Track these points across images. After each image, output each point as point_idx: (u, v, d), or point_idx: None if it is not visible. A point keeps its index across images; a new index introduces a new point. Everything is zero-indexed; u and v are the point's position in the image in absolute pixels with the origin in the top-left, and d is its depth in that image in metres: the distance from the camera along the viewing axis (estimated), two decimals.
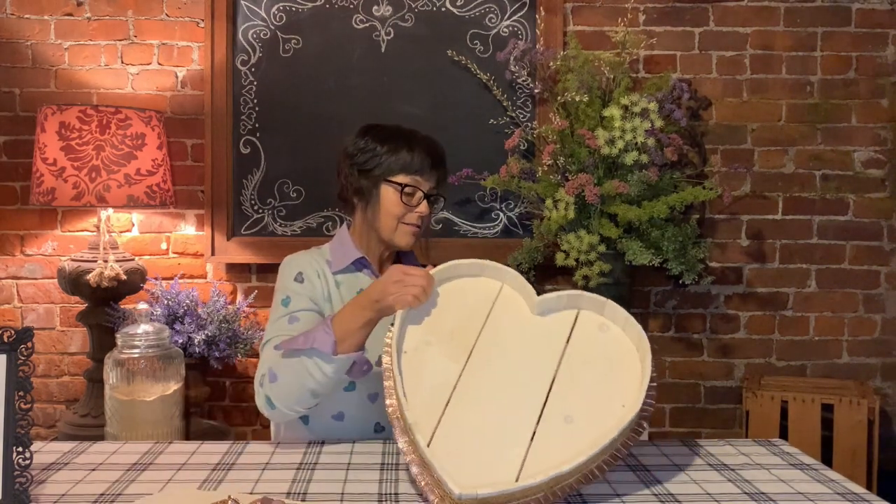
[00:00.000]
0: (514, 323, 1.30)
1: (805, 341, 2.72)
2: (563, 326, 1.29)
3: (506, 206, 2.66)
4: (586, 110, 2.39)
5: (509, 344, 1.27)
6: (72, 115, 2.22)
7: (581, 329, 1.28)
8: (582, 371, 1.23)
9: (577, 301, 1.31)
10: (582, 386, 1.21)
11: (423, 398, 1.19)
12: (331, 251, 1.60)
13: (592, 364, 1.24)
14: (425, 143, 1.56)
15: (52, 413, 2.67)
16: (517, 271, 1.36)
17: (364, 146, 1.55)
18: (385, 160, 1.52)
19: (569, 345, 1.26)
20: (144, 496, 1.15)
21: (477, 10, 2.63)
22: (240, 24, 2.61)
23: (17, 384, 1.09)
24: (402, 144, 1.53)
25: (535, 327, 1.29)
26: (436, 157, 1.56)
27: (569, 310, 1.31)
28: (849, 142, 2.68)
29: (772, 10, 2.66)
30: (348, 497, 1.16)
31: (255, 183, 2.64)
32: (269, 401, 1.38)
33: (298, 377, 1.35)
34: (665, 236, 2.31)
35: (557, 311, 1.31)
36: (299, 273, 1.53)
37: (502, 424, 1.16)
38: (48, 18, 2.61)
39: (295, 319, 1.46)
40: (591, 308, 1.31)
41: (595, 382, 1.21)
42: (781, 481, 1.23)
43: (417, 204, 1.53)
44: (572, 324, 1.29)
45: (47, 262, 2.64)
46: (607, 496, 1.16)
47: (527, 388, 1.20)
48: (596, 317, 1.30)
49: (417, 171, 1.52)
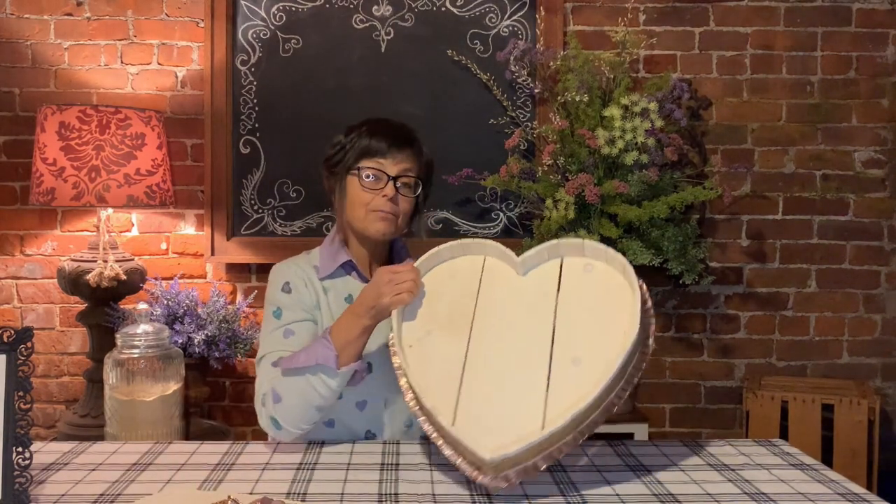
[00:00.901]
0: (504, 289, 1.33)
1: (805, 341, 2.72)
2: (550, 278, 1.32)
3: (506, 206, 2.66)
4: (586, 110, 2.39)
5: (505, 309, 1.31)
6: (72, 115, 2.22)
7: (567, 275, 1.31)
8: (578, 313, 1.26)
9: (557, 250, 1.34)
10: (581, 327, 1.24)
11: (436, 383, 1.23)
12: (320, 256, 1.56)
13: (586, 304, 1.27)
14: (386, 125, 1.52)
15: (52, 413, 2.67)
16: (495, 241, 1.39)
17: (336, 143, 1.55)
18: (348, 151, 1.50)
19: (560, 293, 1.29)
20: (144, 496, 1.15)
21: (477, 10, 2.63)
22: (240, 24, 2.61)
23: (17, 384, 1.09)
24: (364, 132, 1.50)
25: (524, 286, 1.33)
26: (398, 137, 1.50)
27: (551, 260, 1.34)
28: (849, 142, 2.68)
29: (772, 10, 2.66)
30: (348, 497, 1.16)
31: (255, 183, 2.64)
32: (274, 422, 1.36)
33: (304, 396, 1.34)
34: (665, 236, 2.31)
35: (541, 265, 1.34)
36: (286, 283, 1.50)
37: (516, 384, 1.20)
38: (48, 18, 2.61)
39: (290, 333, 1.44)
40: (571, 254, 1.33)
41: (593, 321, 1.24)
42: (781, 481, 1.23)
43: (382, 188, 1.47)
44: (558, 273, 1.32)
45: (47, 262, 2.64)
46: (607, 496, 1.16)
47: (531, 345, 1.24)
48: (578, 259, 1.32)
49: (378, 154, 1.48)
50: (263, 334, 1.48)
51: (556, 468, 1.28)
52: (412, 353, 1.28)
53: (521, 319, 1.28)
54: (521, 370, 1.22)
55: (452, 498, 1.15)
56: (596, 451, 1.38)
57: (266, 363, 1.42)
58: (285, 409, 1.35)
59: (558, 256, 1.34)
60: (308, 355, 1.33)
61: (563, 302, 1.28)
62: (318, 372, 1.33)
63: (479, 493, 1.17)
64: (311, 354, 1.33)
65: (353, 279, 1.55)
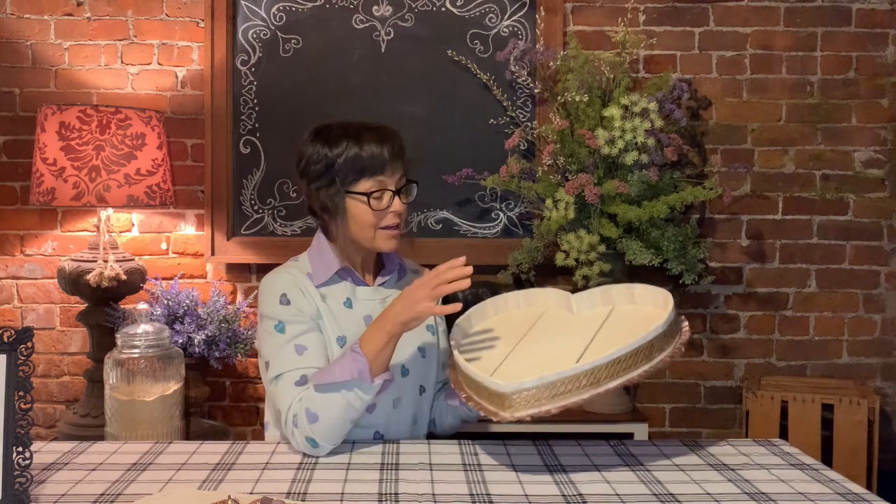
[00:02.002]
0: (558, 319, 1.49)
1: (805, 341, 2.72)
2: (600, 315, 1.45)
3: (506, 206, 2.66)
4: (586, 110, 2.39)
5: (555, 327, 1.45)
6: (72, 115, 2.22)
7: (617, 310, 1.47)
8: (620, 327, 1.37)
9: (609, 296, 1.48)
10: (620, 335, 1.30)
11: (478, 364, 1.34)
12: (311, 263, 1.52)
13: (629, 323, 1.37)
14: (375, 135, 1.44)
15: (52, 413, 2.67)
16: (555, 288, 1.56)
17: (312, 155, 1.45)
18: (339, 168, 1.42)
19: (608, 319, 1.42)
20: (144, 496, 1.15)
21: (477, 10, 2.63)
22: (240, 24, 2.61)
23: (17, 384, 1.09)
24: (352, 145, 1.42)
25: (576, 318, 1.48)
26: (392, 147, 1.44)
27: (605, 306, 1.48)
28: (849, 142, 2.68)
29: (772, 10, 2.66)
30: (348, 497, 1.16)
31: (255, 183, 2.64)
32: (311, 441, 1.34)
33: (342, 412, 1.33)
34: (665, 236, 2.31)
35: (594, 308, 1.48)
36: (283, 295, 1.45)
37: (553, 359, 1.28)
38: (48, 18, 2.61)
39: (303, 348, 1.41)
40: (622, 301, 1.46)
41: (631, 333, 1.28)
42: (781, 481, 1.23)
43: (388, 205, 1.44)
44: (608, 313, 1.45)
45: (47, 262, 2.64)
46: (607, 496, 1.16)
47: (572, 341, 1.35)
48: (629, 307, 1.45)
49: (378, 171, 1.42)
50: (272, 350, 1.42)
51: (556, 468, 1.29)
52: (464, 351, 1.41)
53: (566, 330, 1.43)
54: (560, 352, 1.31)
55: (452, 498, 1.15)
56: (596, 451, 1.38)
57: (287, 382, 1.39)
58: (324, 428, 1.33)
59: (610, 304, 1.47)
60: (342, 370, 1.32)
61: (609, 322, 1.41)
62: (353, 387, 1.32)
63: (480, 493, 1.17)
64: (346, 369, 1.31)
65: (350, 284, 1.53)
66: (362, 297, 1.53)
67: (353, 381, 1.31)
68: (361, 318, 1.50)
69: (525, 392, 1.19)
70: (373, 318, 1.49)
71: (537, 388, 1.19)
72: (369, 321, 1.48)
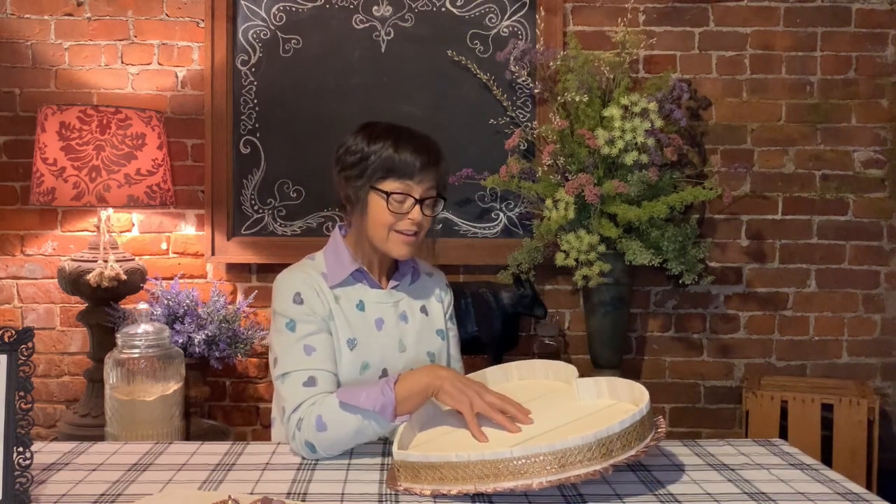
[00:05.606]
0: (555, 402, 1.36)
1: (805, 341, 2.72)
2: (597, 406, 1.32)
3: (506, 206, 2.66)
4: (586, 110, 2.39)
5: (544, 407, 1.32)
6: (72, 115, 2.22)
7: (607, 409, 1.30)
8: (597, 417, 1.25)
9: (616, 391, 1.33)
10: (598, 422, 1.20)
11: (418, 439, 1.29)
12: (326, 262, 1.51)
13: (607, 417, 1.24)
14: (415, 142, 1.45)
15: (53, 413, 2.67)
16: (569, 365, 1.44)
17: (351, 146, 1.46)
18: (371, 164, 1.42)
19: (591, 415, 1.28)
20: (145, 496, 1.15)
21: (477, 10, 2.63)
22: (240, 24, 2.61)
23: (18, 384, 1.09)
24: (389, 145, 1.42)
25: (578, 405, 1.34)
26: (427, 157, 1.44)
27: (608, 398, 1.34)
28: (849, 142, 2.68)
29: (772, 10, 2.66)
30: (348, 497, 1.16)
31: (255, 183, 2.64)
32: (311, 447, 1.33)
33: (352, 434, 1.33)
34: (665, 236, 2.31)
35: (599, 399, 1.34)
36: (297, 294, 1.45)
37: (498, 440, 1.21)
38: (48, 18, 2.61)
39: (311, 349, 1.41)
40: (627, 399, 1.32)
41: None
42: (781, 481, 1.23)
43: (408, 211, 1.43)
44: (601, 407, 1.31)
45: (47, 262, 2.64)
46: (607, 496, 1.16)
47: (526, 430, 1.24)
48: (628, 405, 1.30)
49: (406, 175, 1.42)
50: (281, 348, 1.43)
51: None
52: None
53: (543, 411, 1.30)
54: (497, 440, 1.21)
55: (452, 498, 1.15)
56: None
57: (293, 382, 1.39)
58: (329, 440, 1.33)
59: (617, 399, 1.33)
60: (368, 398, 1.31)
61: (580, 418, 1.27)
62: (371, 417, 1.31)
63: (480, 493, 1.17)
64: (372, 399, 1.30)
65: (364, 286, 1.52)
66: (374, 301, 1.51)
67: (374, 412, 1.31)
68: (373, 322, 1.49)
69: (409, 466, 1.16)
70: (384, 321, 1.50)
71: (421, 466, 1.14)
72: (381, 325, 1.49)
